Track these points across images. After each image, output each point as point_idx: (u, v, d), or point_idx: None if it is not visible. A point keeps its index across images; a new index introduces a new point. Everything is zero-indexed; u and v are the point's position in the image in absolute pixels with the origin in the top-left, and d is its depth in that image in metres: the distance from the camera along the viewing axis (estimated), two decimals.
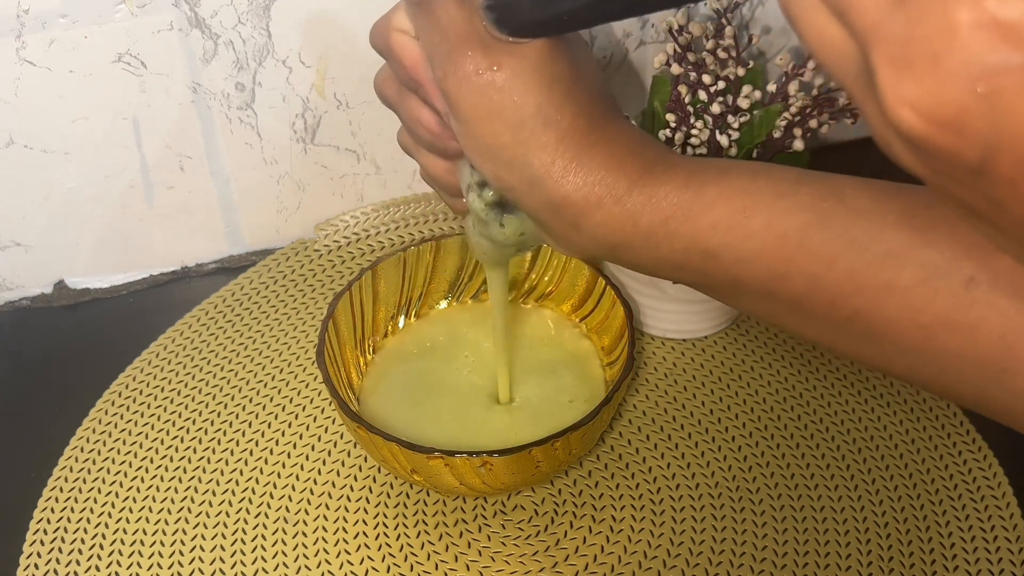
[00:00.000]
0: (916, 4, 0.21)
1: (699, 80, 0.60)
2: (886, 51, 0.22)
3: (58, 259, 0.69)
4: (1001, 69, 0.20)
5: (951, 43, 0.20)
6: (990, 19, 0.20)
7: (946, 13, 0.20)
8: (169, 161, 0.66)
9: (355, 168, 0.71)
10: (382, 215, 0.73)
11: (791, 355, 0.65)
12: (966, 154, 0.22)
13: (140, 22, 0.60)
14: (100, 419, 0.62)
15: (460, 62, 0.40)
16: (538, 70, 0.40)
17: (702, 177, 0.40)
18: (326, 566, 0.55)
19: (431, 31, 0.40)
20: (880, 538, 0.56)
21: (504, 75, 0.39)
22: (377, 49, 0.43)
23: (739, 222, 0.39)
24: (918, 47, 0.21)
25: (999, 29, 0.20)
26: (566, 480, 0.59)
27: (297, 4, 0.62)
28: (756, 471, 0.59)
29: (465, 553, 0.56)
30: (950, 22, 0.20)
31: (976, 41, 0.20)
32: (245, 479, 0.59)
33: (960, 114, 0.21)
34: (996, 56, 0.20)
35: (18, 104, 0.61)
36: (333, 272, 0.71)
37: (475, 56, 0.39)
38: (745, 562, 0.55)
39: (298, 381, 0.64)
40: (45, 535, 0.57)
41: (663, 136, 0.60)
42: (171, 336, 0.67)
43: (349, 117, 0.68)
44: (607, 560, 0.55)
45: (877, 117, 0.23)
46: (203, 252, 0.72)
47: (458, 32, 0.40)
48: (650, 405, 0.63)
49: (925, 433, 0.61)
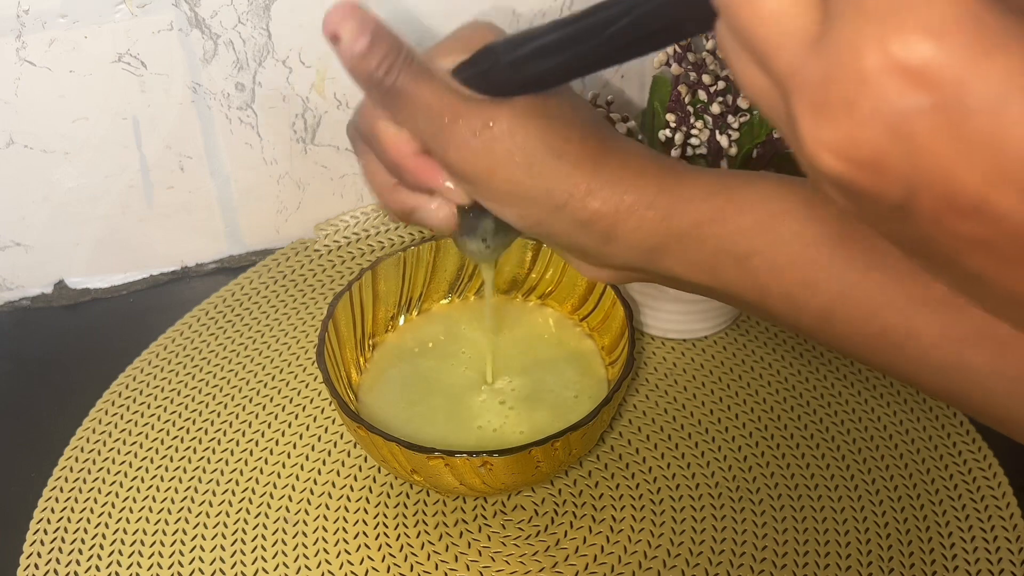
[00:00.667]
0: (829, 51, 0.21)
1: (699, 80, 0.60)
2: (804, 97, 0.22)
3: (58, 259, 0.69)
4: (912, 111, 0.21)
5: (863, 88, 0.21)
6: (897, 64, 0.20)
7: (856, 59, 0.21)
8: (169, 161, 0.66)
9: (355, 168, 0.71)
10: (382, 215, 0.73)
11: (791, 355, 0.65)
12: (888, 194, 0.23)
13: (140, 22, 0.60)
14: (100, 419, 0.62)
15: (454, 132, 0.39)
16: (532, 112, 0.40)
17: (730, 183, 0.40)
18: (326, 566, 0.55)
19: (414, 117, 0.40)
20: (880, 538, 0.56)
21: (501, 127, 0.39)
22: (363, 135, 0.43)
23: (770, 228, 0.39)
24: (833, 93, 0.21)
25: (906, 73, 0.20)
26: (566, 480, 0.59)
27: (297, 4, 0.62)
28: (756, 471, 0.59)
29: (465, 553, 0.56)
30: (861, 68, 0.21)
31: (886, 85, 0.21)
32: (245, 479, 0.59)
33: (878, 156, 0.22)
34: (906, 99, 0.21)
35: (18, 104, 0.61)
36: (333, 272, 0.71)
37: (467, 120, 0.39)
38: (745, 562, 0.55)
39: (298, 381, 0.64)
40: (45, 535, 0.57)
41: (663, 136, 0.60)
42: (171, 336, 0.67)
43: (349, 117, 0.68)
44: (607, 560, 0.55)
45: (803, 160, 0.24)
46: (203, 252, 0.72)
47: (441, 107, 0.39)
48: (650, 405, 0.63)
49: (925, 433, 0.61)
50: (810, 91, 0.22)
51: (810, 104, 0.22)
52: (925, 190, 0.22)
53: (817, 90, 0.22)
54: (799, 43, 0.22)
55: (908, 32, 0.20)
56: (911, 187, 0.22)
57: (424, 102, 0.40)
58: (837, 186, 0.23)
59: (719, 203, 0.40)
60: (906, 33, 0.20)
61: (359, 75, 0.39)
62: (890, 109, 0.21)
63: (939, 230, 0.23)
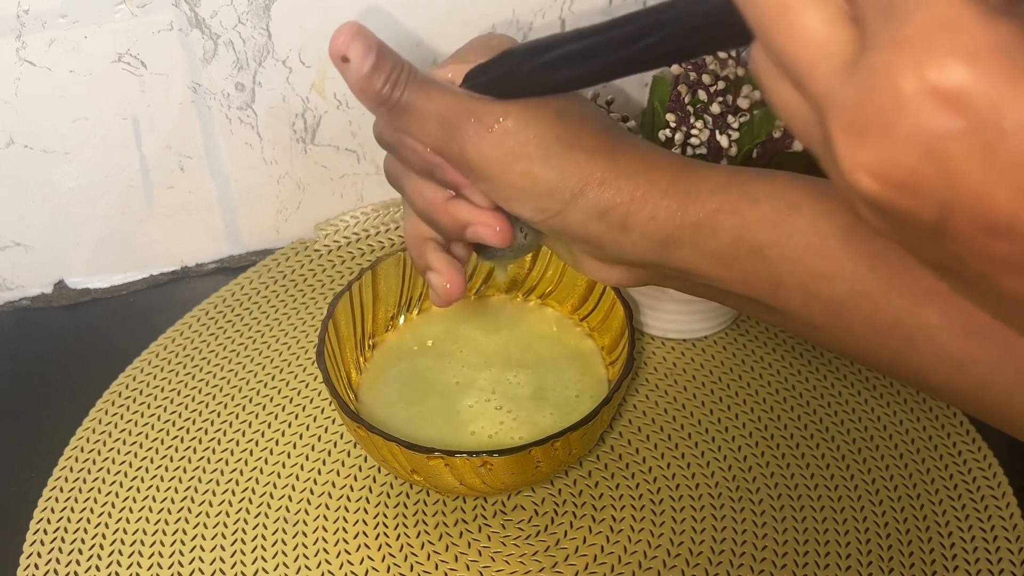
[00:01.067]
0: (866, 74, 0.22)
1: (699, 80, 0.60)
2: (840, 119, 0.23)
3: (58, 259, 0.69)
4: (947, 134, 0.21)
5: (899, 111, 0.21)
6: (933, 88, 0.21)
7: (893, 83, 0.21)
8: (169, 161, 0.66)
9: (355, 168, 0.71)
10: (382, 215, 0.73)
11: (791, 355, 0.65)
12: (923, 214, 0.23)
13: (140, 22, 0.60)
14: (100, 419, 0.62)
15: (468, 129, 0.41)
16: (545, 106, 0.41)
17: (744, 176, 0.41)
18: (326, 566, 0.55)
19: (426, 123, 0.41)
20: (880, 538, 0.56)
21: (513, 121, 0.41)
22: (386, 144, 0.44)
23: (784, 219, 0.39)
24: (870, 115, 0.22)
25: (942, 97, 0.21)
26: (566, 480, 0.59)
27: (297, 4, 0.62)
28: (756, 471, 0.59)
29: (465, 553, 0.56)
30: (897, 91, 0.21)
31: (922, 109, 0.21)
32: (245, 479, 0.59)
33: (913, 177, 0.22)
34: (941, 122, 0.21)
35: (18, 104, 0.61)
36: (333, 272, 0.71)
37: (480, 118, 0.41)
38: (745, 562, 0.55)
39: (298, 381, 0.64)
40: (45, 535, 0.57)
41: (663, 136, 0.60)
42: (171, 336, 0.67)
43: (349, 117, 0.68)
44: (607, 560, 0.55)
45: (839, 181, 0.24)
46: (203, 252, 0.72)
47: (452, 110, 0.41)
48: (650, 405, 0.63)
49: (925, 433, 0.61)
50: (847, 113, 0.23)
51: (846, 125, 0.23)
52: (959, 211, 0.22)
53: (854, 112, 0.22)
54: (836, 65, 0.23)
55: (944, 57, 0.21)
56: (945, 208, 0.22)
57: (434, 109, 0.41)
58: (872, 206, 0.24)
59: (734, 194, 0.40)
60: (942, 58, 0.21)
61: (367, 94, 0.41)
62: (926, 131, 0.21)
63: (973, 251, 0.23)
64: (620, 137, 0.43)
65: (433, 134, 0.41)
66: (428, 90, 0.41)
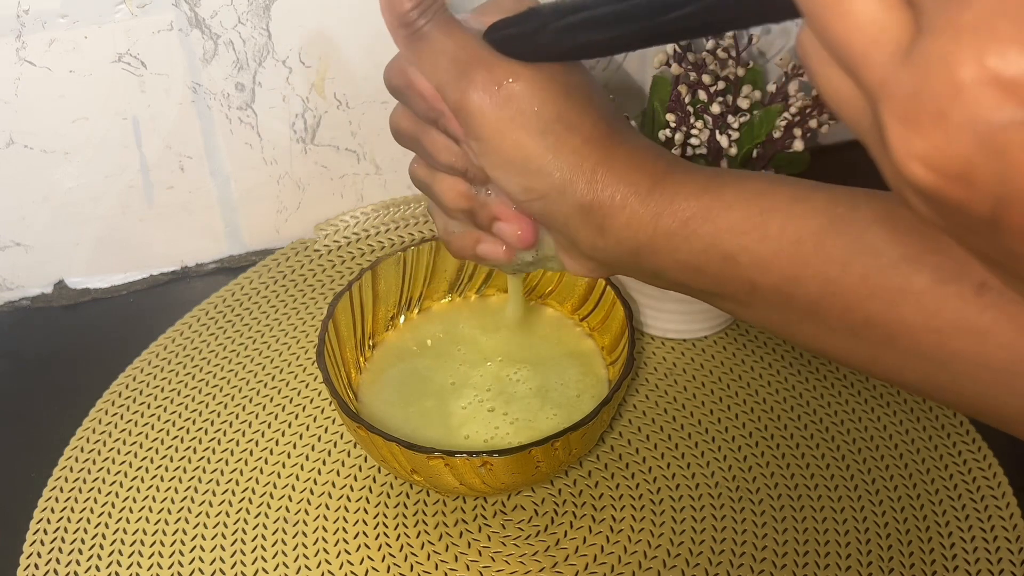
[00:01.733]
0: (922, 62, 0.21)
1: (699, 80, 0.60)
2: (894, 107, 0.22)
3: (58, 259, 0.69)
4: (1005, 124, 0.20)
5: (956, 100, 0.21)
6: (992, 76, 0.20)
7: (950, 71, 0.20)
8: (169, 161, 0.66)
9: (355, 168, 0.71)
10: (382, 215, 0.73)
11: (791, 355, 0.65)
12: (977, 206, 0.22)
13: (140, 22, 0.60)
14: (100, 419, 0.62)
15: (475, 79, 0.40)
16: (554, 79, 0.41)
17: (720, 180, 0.41)
18: (326, 566, 0.55)
19: (438, 58, 0.41)
20: (880, 538, 0.56)
21: (521, 85, 0.40)
22: (394, 87, 0.44)
23: (756, 225, 0.39)
24: (925, 104, 0.21)
25: (1002, 86, 0.20)
26: (566, 480, 0.59)
27: (297, 4, 0.62)
28: (756, 471, 0.59)
29: (465, 553, 0.56)
30: (954, 79, 0.20)
31: (980, 98, 0.20)
32: (245, 479, 0.59)
33: (968, 167, 0.21)
34: (1000, 112, 0.20)
35: (18, 104, 0.61)
36: (333, 272, 0.71)
37: (490, 71, 0.40)
38: (745, 562, 0.55)
39: (298, 381, 0.64)
40: (45, 535, 0.57)
41: (663, 136, 0.60)
42: (171, 336, 0.67)
43: (349, 117, 0.68)
44: (607, 560, 0.55)
45: (890, 169, 0.23)
46: (203, 252, 0.72)
47: (468, 54, 0.41)
48: (650, 405, 0.63)
49: (925, 433, 0.61)
50: (901, 101, 0.22)
51: (901, 114, 0.22)
52: (1015, 204, 0.22)
53: (908, 100, 0.22)
54: (890, 52, 0.22)
55: (1005, 44, 0.20)
56: (1000, 201, 0.22)
57: (450, 47, 0.41)
58: (925, 197, 0.23)
59: (707, 201, 0.40)
60: (1003, 44, 0.20)
61: (394, 11, 0.41)
62: (983, 121, 0.21)
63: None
64: (618, 130, 0.42)
65: (442, 72, 0.41)
66: (451, 28, 0.41)
